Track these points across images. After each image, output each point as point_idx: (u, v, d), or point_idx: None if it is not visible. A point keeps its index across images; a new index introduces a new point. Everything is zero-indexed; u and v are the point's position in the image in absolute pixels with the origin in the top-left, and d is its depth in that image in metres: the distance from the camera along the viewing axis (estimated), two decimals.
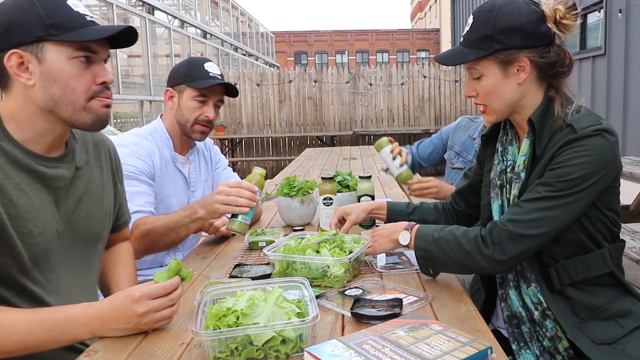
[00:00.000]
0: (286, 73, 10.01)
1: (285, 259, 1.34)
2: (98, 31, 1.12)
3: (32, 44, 1.07)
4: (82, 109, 1.13)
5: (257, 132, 9.98)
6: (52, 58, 1.08)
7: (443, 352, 0.86)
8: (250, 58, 19.89)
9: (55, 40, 1.08)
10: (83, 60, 1.11)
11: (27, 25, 1.06)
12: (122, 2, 8.94)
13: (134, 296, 1.04)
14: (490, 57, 1.24)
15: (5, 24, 1.07)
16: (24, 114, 1.11)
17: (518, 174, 1.28)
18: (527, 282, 1.28)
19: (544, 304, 1.25)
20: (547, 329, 1.26)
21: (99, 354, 1.00)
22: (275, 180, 3.38)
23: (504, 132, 1.39)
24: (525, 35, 1.22)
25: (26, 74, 1.09)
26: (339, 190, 1.99)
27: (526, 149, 1.28)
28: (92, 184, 1.28)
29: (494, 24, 1.22)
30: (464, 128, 2.26)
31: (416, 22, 49.94)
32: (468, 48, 1.27)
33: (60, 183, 1.18)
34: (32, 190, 1.12)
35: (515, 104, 1.29)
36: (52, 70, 1.09)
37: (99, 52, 1.14)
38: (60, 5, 1.09)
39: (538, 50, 1.23)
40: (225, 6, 17.16)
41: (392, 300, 1.15)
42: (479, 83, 1.29)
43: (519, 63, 1.24)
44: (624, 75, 6.42)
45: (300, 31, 39.41)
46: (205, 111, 1.87)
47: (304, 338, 0.96)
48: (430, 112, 10.03)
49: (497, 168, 1.37)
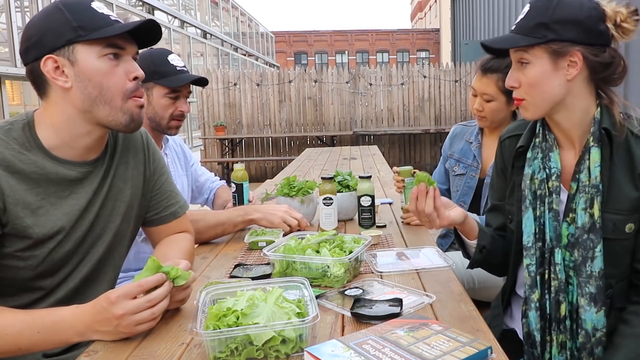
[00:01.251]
0: (286, 73, 10.01)
1: (285, 259, 1.34)
2: (121, 27, 1.16)
3: (64, 48, 1.13)
4: (118, 109, 1.18)
5: (257, 132, 9.98)
6: (83, 58, 1.14)
7: (443, 352, 0.86)
8: (250, 58, 19.89)
9: (84, 41, 1.13)
10: (112, 57, 1.16)
11: (57, 31, 1.13)
12: (122, 2, 8.95)
13: (111, 298, 1.00)
14: (543, 45, 1.18)
15: (37, 33, 1.14)
16: (63, 118, 1.17)
17: (596, 186, 1.20)
18: (598, 305, 1.21)
19: (605, 329, 1.21)
20: (594, 357, 1.22)
21: (99, 354, 1.00)
22: (275, 180, 3.38)
23: (542, 137, 1.31)
24: (583, 29, 1.17)
25: (62, 77, 1.14)
26: (339, 190, 1.99)
27: (597, 158, 1.20)
28: (115, 178, 1.30)
29: (552, 12, 1.16)
30: (460, 135, 2.27)
31: (416, 22, 49.94)
32: (520, 35, 1.20)
33: (88, 188, 1.23)
34: (58, 199, 1.17)
35: (559, 102, 1.22)
36: (85, 70, 1.14)
37: (126, 47, 1.19)
38: (86, 8, 1.16)
39: (593, 48, 1.18)
40: (225, 6, 17.16)
41: (392, 300, 1.15)
42: (524, 72, 1.22)
43: (571, 57, 1.18)
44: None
45: (300, 31, 39.42)
46: (179, 106, 1.92)
47: (304, 338, 0.96)
48: (430, 112, 10.02)
49: (537, 177, 1.29)
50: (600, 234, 1.20)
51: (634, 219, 1.20)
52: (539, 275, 1.28)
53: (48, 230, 1.15)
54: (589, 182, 1.21)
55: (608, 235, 1.21)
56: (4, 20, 6.07)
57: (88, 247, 1.25)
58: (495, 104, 1.98)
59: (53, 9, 1.15)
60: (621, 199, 1.20)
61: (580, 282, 1.22)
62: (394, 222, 2.04)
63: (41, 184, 1.15)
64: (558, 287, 1.25)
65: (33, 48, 1.14)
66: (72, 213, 1.20)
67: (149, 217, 1.42)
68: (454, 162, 2.24)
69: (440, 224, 1.25)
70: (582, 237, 1.21)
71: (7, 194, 1.09)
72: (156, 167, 1.42)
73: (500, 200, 1.45)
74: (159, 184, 1.42)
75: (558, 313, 1.25)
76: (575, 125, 1.26)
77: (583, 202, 1.21)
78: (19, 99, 7.15)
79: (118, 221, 1.31)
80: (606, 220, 1.20)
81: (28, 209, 1.13)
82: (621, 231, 1.21)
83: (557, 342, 1.26)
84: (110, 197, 1.28)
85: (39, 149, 1.16)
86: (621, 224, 1.20)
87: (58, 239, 1.17)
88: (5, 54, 6.22)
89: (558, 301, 1.25)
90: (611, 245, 1.21)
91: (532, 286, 1.28)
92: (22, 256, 1.14)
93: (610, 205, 1.20)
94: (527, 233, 1.29)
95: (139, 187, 1.36)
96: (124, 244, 1.38)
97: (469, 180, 2.17)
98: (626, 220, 1.20)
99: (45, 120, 1.18)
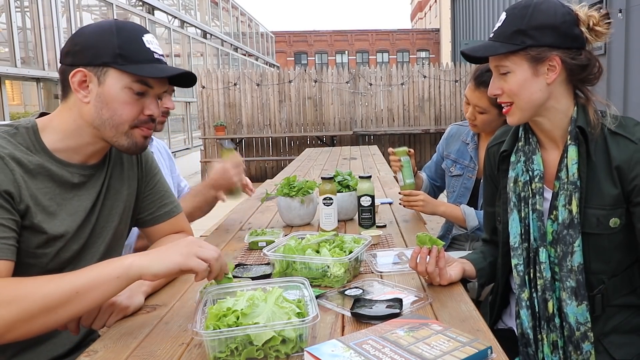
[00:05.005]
0: (286, 73, 10.00)
1: (285, 259, 1.35)
2: (159, 70, 1.19)
3: (98, 67, 1.16)
4: (123, 134, 1.21)
5: (257, 132, 9.97)
6: (111, 83, 1.16)
7: (443, 352, 0.86)
8: (250, 58, 19.89)
9: (118, 69, 1.16)
10: (136, 94, 1.18)
11: (100, 50, 1.15)
12: (122, 2, 8.94)
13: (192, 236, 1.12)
14: (521, 52, 1.21)
15: (81, 44, 1.17)
16: (73, 126, 1.20)
17: (574, 182, 1.23)
18: (579, 299, 1.23)
19: (589, 323, 1.23)
20: (581, 351, 1.24)
21: (99, 354, 1.00)
22: (275, 180, 3.38)
23: (525, 141, 1.35)
24: (559, 34, 1.20)
25: (85, 91, 1.17)
26: (339, 190, 1.99)
27: (574, 155, 1.24)
28: (112, 179, 1.32)
29: (529, 19, 1.20)
30: (456, 135, 2.27)
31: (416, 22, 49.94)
32: (499, 42, 1.23)
33: (91, 190, 1.26)
34: (63, 200, 1.19)
35: (541, 105, 1.25)
36: (107, 94, 1.17)
37: (154, 87, 1.21)
38: (136, 39, 1.18)
39: (570, 51, 1.21)
40: (225, 6, 17.15)
41: (392, 300, 1.15)
42: (506, 80, 1.25)
43: (549, 62, 1.21)
44: (624, 76, 6.42)
45: (300, 31, 39.39)
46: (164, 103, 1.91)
47: (304, 338, 0.96)
48: (430, 112, 10.02)
49: (520, 179, 1.33)
50: (579, 229, 1.23)
51: (617, 213, 1.23)
52: (527, 274, 1.31)
53: (57, 228, 1.17)
54: (567, 179, 1.24)
55: (592, 230, 1.23)
56: (4, 20, 6.06)
57: (91, 247, 1.27)
58: (487, 116, 2.00)
59: (107, 28, 1.17)
60: (601, 194, 1.23)
61: (562, 276, 1.25)
62: (394, 222, 2.04)
63: (47, 185, 1.17)
64: (544, 286, 1.28)
65: (72, 55, 1.17)
66: (77, 214, 1.22)
67: (143, 217, 1.43)
68: (451, 163, 2.24)
69: (440, 282, 1.27)
70: (562, 232, 1.25)
71: (22, 186, 1.11)
72: (149, 167, 1.43)
73: (492, 206, 1.48)
74: (152, 184, 1.43)
75: (546, 311, 1.28)
76: (557, 126, 1.28)
77: (563, 199, 1.25)
78: (19, 99, 7.14)
79: (116, 221, 1.32)
80: (589, 215, 1.23)
81: (39, 206, 1.14)
82: (606, 226, 1.23)
83: (549, 341, 1.28)
84: (108, 197, 1.30)
85: (43, 152, 1.17)
86: (604, 219, 1.23)
87: (66, 239, 1.19)
88: (5, 54, 6.22)
89: (545, 299, 1.28)
90: (597, 240, 1.24)
91: (521, 285, 1.31)
92: (35, 253, 1.15)
93: (592, 201, 1.23)
94: (513, 234, 1.33)
95: (134, 187, 1.38)
96: (121, 244, 1.39)
97: (465, 181, 2.17)
98: (609, 215, 1.23)
99: (53, 125, 1.20)
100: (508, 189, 1.35)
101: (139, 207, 1.41)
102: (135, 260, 1.04)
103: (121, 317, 1.16)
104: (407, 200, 2.01)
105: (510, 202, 1.34)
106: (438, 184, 2.41)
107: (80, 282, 1.00)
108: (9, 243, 1.06)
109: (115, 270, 1.03)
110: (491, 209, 1.49)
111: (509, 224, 1.34)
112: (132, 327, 1.12)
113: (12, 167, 1.10)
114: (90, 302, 1.02)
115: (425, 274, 1.27)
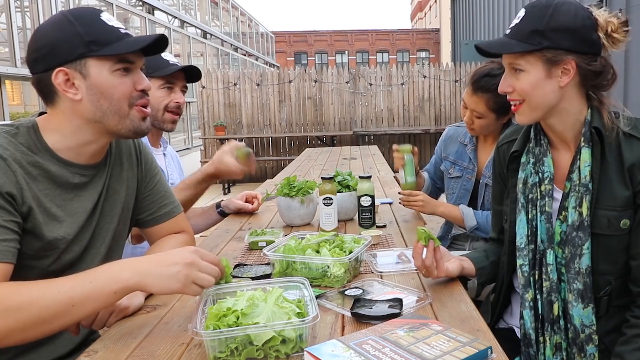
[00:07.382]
0: (286, 73, 10.00)
1: (285, 259, 1.35)
2: (133, 43, 1.17)
3: (76, 61, 1.14)
4: (125, 117, 1.20)
5: (257, 132, 9.97)
6: (95, 72, 1.15)
7: (443, 352, 0.86)
8: (250, 58, 19.88)
9: (96, 56, 1.14)
10: (123, 72, 1.17)
11: (68, 44, 1.13)
12: (122, 2, 8.94)
13: (191, 247, 1.08)
14: (537, 53, 1.20)
15: (48, 45, 1.14)
16: (70, 127, 1.18)
17: (586, 185, 1.22)
18: (585, 302, 1.23)
19: (594, 326, 1.23)
20: (585, 354, 1.23)
21: (99, 354, 1.00)
22: (275, 180, 3.38)
23: (535, 142, 1.34)
24: (578, 38, 1.19)
25: (72, 89, 1.15)
26: (339, 190, 1.99)
27: (587, 158, 1.23)
28: (111, 179, 1.31)
29: (548, 20, 1.18)
30: (454, 137, 2.27)
31: (416, 22, 49.94)
32: (515, 40, 1.21)
33: (92, 191, 1.25)
34: (63, 201, 1.19)
35: (553, 107, 1.25)
36: (97, 84, 1.15)
37: (135, 61, 1.20)
38: (96, 21, 1.16)
39: (586, 57, 1.20)
40: (225, 6, 17.15)
41: (392, 300, 1.15)
42: (518, 79, 1.23)
43: (564, 65, 1.20)
44: (624, 76, 6.41)
45: (300, 31, 39.40)
46: (174, 98, 1.85)
47: (304, 338, 0.96)
48: (430, 112, 10.02)
49: (529, 181, 1.32)
50: (589, 231, 1.22)
51: (627, 215, 1.22)
52: (532, 276, 1.30)
53: (59, 231, 1.16)
54: (579, 181, 1.24)
55: (603, 231, 1.23)
56: (4, 20, 6.06)
57: (92, 248, 1.26)
58: (484, 120, 2.00)
59: (62, 20, 1.14)
60: (613, 195, 1.22)
61: (569, 278, 1.25)
62: (394, 222, 2.04)
63: (48, 187, 1.16)
64: (550, 288, 1.27)
65: (43, 60, 1.14)
66: (78, 216, 1.21)
67: (143, 217, 1.42)
68: (450, 165, 2.24)
69: (437, 274, 1.27)
70: (572, 234, 1.24)
71: (24, 188, 1.10)
72: (149, 168, 1.43)
73: (500, 204, 1.48)
74: (152, 185, 1.43)
75: (551, 314, 1.27)
76: (569, 128, 1.28)
77: (574, 200, 1.24)
78: (19, 99, 7.14)
79: (115, 222, 1.31)
80: (600, 216, 1.23)
81: (42, 207, 1.14)
82: (617, 227, 1.22)
83: (551, 343, 1.28)
84: (107, 198, 1.29)
85: (45, 151, 1.16)
86: (616, 220, 1.22)
87: (68, 241, 1.18)
88: (5, 54, 6.21)
89: (550, 301, 1.27)
90: (607, 242, 1.23)
91: (525, 286, 1.31)
92: (36, 256, 1.15)
93: (603, 202, 1.23)
94: (520, 235, 1.32)
95: (134, 188, 1.37)
96: (121, 244, 1.39)
97: (465, 182, 2.17)
98: (620, 217, 1.22)
99: (51, 126, 1.19)
100: (517, 189, 1.35)
101: (139, 207, 1.41)
102: (134, 276, 1.03)
103: (121, 317, 1.16)
104: (406, 200, 2.01)
105: (518, 202, 1.34)
106: (438, 185, 2.41)
107: (77, 295, 0.99)
108: (10, 245, 1.06)
109: (113, 285, 1.02)
110: (499, 207, 1.48)
111: (517, 225, 1.34)
112: (132, 327, 1.12)
113: (15, 169, 1.09)
114: (86, 314, 1.03)
115: (422, 268, 1.26)
